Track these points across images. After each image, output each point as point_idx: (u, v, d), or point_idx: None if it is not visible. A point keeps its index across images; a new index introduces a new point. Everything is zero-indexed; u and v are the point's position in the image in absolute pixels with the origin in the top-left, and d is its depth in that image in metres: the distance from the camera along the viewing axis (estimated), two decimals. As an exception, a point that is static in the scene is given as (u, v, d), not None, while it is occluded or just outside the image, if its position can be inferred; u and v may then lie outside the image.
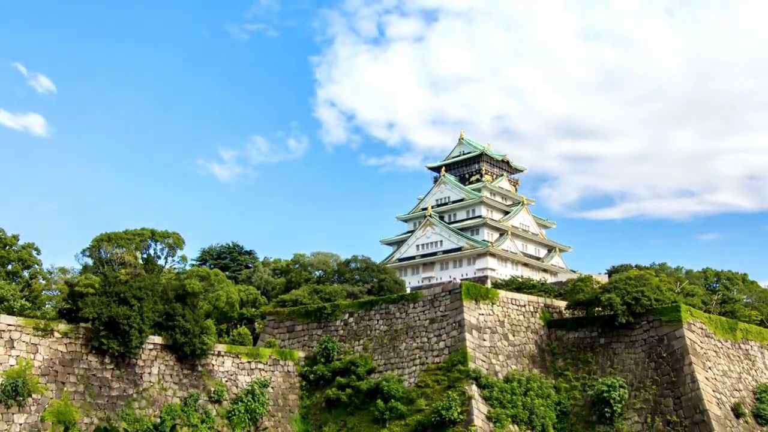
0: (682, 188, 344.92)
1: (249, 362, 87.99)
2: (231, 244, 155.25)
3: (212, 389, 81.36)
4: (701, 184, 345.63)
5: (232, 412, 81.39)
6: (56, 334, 69.92)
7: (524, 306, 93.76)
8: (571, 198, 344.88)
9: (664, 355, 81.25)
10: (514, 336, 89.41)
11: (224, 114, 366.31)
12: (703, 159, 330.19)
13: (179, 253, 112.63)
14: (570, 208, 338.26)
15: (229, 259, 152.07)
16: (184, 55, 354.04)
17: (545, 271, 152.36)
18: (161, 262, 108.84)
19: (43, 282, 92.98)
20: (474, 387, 78.97)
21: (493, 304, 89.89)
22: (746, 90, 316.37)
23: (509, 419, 78.24)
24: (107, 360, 73.11)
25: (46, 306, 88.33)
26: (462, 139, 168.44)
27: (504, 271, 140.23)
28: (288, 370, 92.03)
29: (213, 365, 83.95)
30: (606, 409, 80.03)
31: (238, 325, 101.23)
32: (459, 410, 76.11)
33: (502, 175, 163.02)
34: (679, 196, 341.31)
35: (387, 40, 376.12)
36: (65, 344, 70.42)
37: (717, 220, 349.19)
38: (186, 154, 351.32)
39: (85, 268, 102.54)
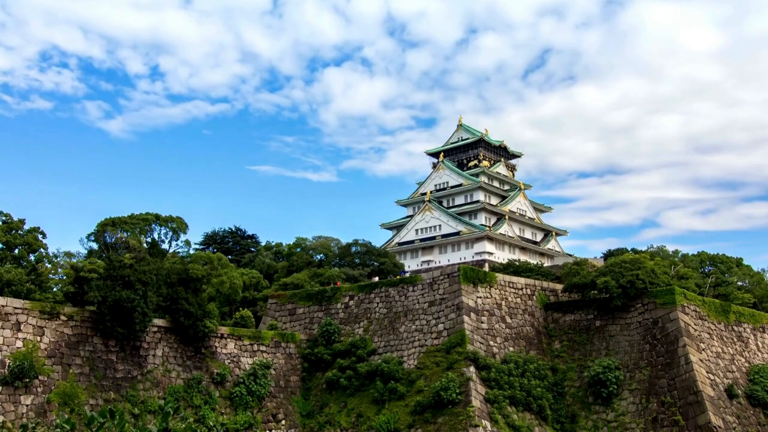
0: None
1: (251, 344, 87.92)
2: (234, 229, 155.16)
3: (215, 371, 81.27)
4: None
5: (235, 394, 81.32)
6: (62, 317, 69.81)
7: (521, 289, 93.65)
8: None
9: (659, 337, 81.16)
10: (511, 318, 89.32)
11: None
12: None
13: (182, 237, 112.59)
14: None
15: (231, 244, 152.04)
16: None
17: (542, 254, 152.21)
18: (165, 246, 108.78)
19: (49, 266, 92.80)
20: (472, 368, 78.91)
21: (490, 287, 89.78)
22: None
23: (507, 400, 78.21)
24: (112, 342, 73.02)
25: (53, 289, 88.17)
26: (460, 125, 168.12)
27: (501, 255, 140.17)
28: (290, 352, 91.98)
29: (216, 348, 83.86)
30: (602, 390, 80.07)
31: (241, 308, 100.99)
32: (458, 391, 76.06)
33: (499, 160, 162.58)
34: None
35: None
36: (71, 327, 70.31)
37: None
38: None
39: (90, 252, 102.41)
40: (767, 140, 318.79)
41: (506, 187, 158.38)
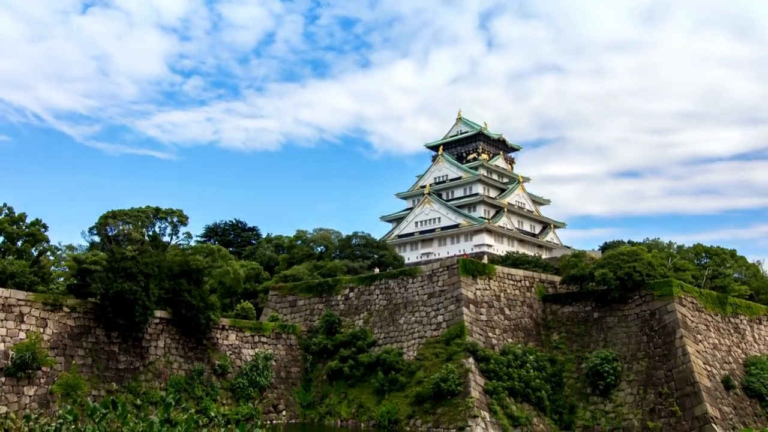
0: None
1: (253, 336, 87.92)
2: (235, 221, 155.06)
3: (217, 362, 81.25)
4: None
5: (236, 385, 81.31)
6: (65, 309, 69.79)
7: (520, 281, 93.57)
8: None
9: (656, 328, 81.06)
10: (510, 310, 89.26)
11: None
12: None
13: (184, 229, 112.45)
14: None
15: (233, 236, 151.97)
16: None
17: (540, 247, 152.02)
18: (166, 238, 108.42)
19: (52, 258, 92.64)
20: (471, 360, 78.85)
21: (489, 279, 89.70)
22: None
23: (506, 391, 78.15)
24: (114, 334, 72.99)
25: (56, 281, 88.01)
26: (460, 118, 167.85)
27: (500, 248, 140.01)
28: (291, 344, 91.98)
29: (217, 339, 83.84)
30: (600, 382, 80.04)
31: (242, 300, 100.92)
32: (457, 382, 76.02)
33: (498, 153, 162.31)
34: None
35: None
36: (74, 319, 70.29)
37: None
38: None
39: (92, 245, 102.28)
40: None
41: (505, 180, 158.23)
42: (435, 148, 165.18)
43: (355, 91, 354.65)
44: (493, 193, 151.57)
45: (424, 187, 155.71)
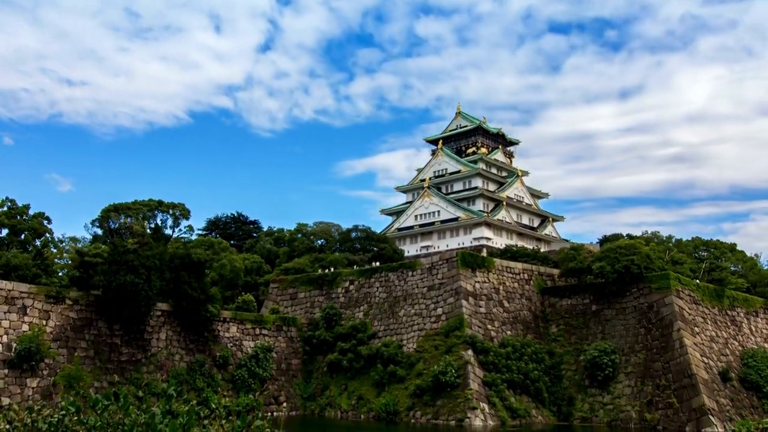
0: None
1: (253, 328, 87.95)
2: (236, 215, 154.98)
3: (218, 354, 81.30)
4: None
5: (237, 377, 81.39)
6: (67, 301, 69.77)
7: (519, 274, 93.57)
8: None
9: (654, 321, 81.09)
10: (509, 303, 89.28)
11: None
12: None
13: (185, 223, 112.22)
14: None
15: (234, 229, 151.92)
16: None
17: (539, 240, 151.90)
18: (168, 231, 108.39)
19: (55, 251, 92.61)
20: (470, 352, 78.89)
21: (488, 272, 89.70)
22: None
23: (504, 383, 78.24)
24: (116, 326, 73.00)
25: (59, 274, 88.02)
26: (459, 112, 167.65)
27: (499, 241, 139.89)
28: (291, 336, 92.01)
29: (218, 331, 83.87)
30: (598, 374, 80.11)
31: (243, 293, 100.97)
32: (456, 374, 76.09)
33: (497, 147, 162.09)
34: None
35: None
36: (76, 311, 70.27)
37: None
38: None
39: (95, 237, 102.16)
40: None
41: (504, 174, 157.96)
42: (434, 142, 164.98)
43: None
44: (492, 187, 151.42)
45: (423, 180, 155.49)
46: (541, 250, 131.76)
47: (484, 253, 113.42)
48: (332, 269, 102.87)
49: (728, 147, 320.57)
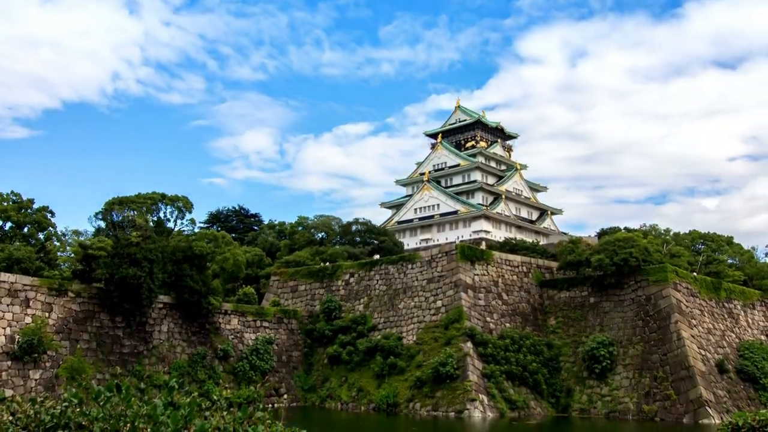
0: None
1: (254, 321, 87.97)
2: (237, 208, 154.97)
3: (219, 347, 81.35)
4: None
5: (238, 369, 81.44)
6: (70, 294, 69.74)
7: (517, 267, 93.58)
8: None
9: (652, 313, 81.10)
10: (507, 295, 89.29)
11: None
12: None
13: (188, 216, 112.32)
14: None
15: (235, 222, 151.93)
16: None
17: (538, 233, 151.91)
18: (171, 225, 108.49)
19: (58, 244, 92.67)
20: (469, 344, 78.93)
21: (487, 264, 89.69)
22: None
23: (503, 375, 78.29)
24: (119, 318, 73.01)
25: (62, 267, 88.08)
26: (458, 107, 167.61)
27: (498, 234, 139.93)
28: (292, 328, 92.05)
29: (220, 323, 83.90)
30: (596, 366, 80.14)
31: (244, 285, 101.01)
32: (455, 366, 76.12)
33: (496, 141, 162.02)
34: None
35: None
36: (79, 303, 70.26)
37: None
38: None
39: (98, 230, 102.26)
40: None
41: (503, 168, 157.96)
42: (434, 135, 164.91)
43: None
44: (491, 180, 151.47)
45: (423, 174, 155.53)
46: (540, 242, 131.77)
47: (483, 246, 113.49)
48: (333, 263, 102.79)
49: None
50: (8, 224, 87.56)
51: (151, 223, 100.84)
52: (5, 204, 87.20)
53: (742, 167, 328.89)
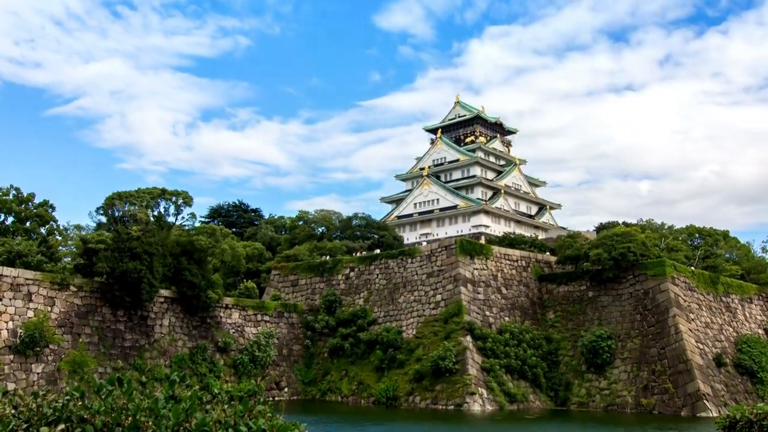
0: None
1: (255, 314, 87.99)
2: (238, 203, 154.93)
3: (220, 340, 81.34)
4: None
5: (239, 362, 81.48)
6: (72, 288, 69.75)
7: (516, 261, 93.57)
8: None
9: (650, 307, 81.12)
10: (507, 289, 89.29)
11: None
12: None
13: (188, 210, 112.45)
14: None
15: (235, 217, 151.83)
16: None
17: (537, 228, 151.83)
18: (171, 219, 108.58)
19: (59, 238, 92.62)
20: (469, 338, 78.97)
21: (487, 259, 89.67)
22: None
23: (502, 369, 78.34)
24: (120, 312, 73.01)
25: (63, 261, 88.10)
26: (458, 102, 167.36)
27: (497, 228, 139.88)
28: (292, 322, 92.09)
29: (221, 317, 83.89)
30: (595, 359, 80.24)
31: (245, 280, 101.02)
32: (455, 360, 76.18)
33: (495, 136, 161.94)
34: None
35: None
36: (80, 297, 70.28)
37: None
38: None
39: (99, 225, 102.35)
40: None
41: (502, 163, 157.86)
42: (433, 131, 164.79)
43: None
44: (490, 175, 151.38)
45: (423, 169, 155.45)
46: (539, 237, 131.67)
47: (483, 241, 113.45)
48: (333, 257, 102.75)
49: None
50: (10, 218, 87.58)
51: (152, 218, 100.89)
52: (6, 198, 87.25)
53: None
